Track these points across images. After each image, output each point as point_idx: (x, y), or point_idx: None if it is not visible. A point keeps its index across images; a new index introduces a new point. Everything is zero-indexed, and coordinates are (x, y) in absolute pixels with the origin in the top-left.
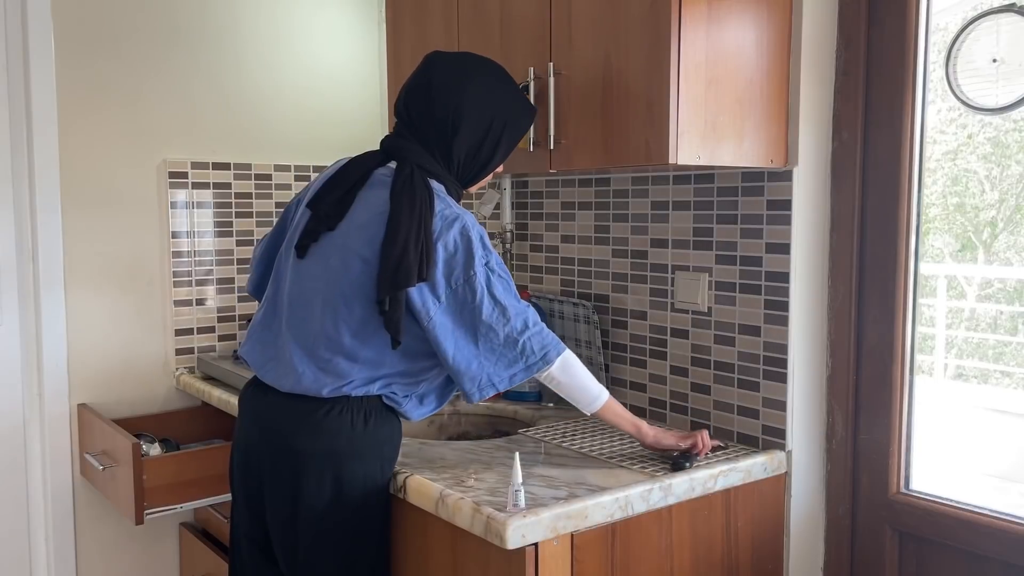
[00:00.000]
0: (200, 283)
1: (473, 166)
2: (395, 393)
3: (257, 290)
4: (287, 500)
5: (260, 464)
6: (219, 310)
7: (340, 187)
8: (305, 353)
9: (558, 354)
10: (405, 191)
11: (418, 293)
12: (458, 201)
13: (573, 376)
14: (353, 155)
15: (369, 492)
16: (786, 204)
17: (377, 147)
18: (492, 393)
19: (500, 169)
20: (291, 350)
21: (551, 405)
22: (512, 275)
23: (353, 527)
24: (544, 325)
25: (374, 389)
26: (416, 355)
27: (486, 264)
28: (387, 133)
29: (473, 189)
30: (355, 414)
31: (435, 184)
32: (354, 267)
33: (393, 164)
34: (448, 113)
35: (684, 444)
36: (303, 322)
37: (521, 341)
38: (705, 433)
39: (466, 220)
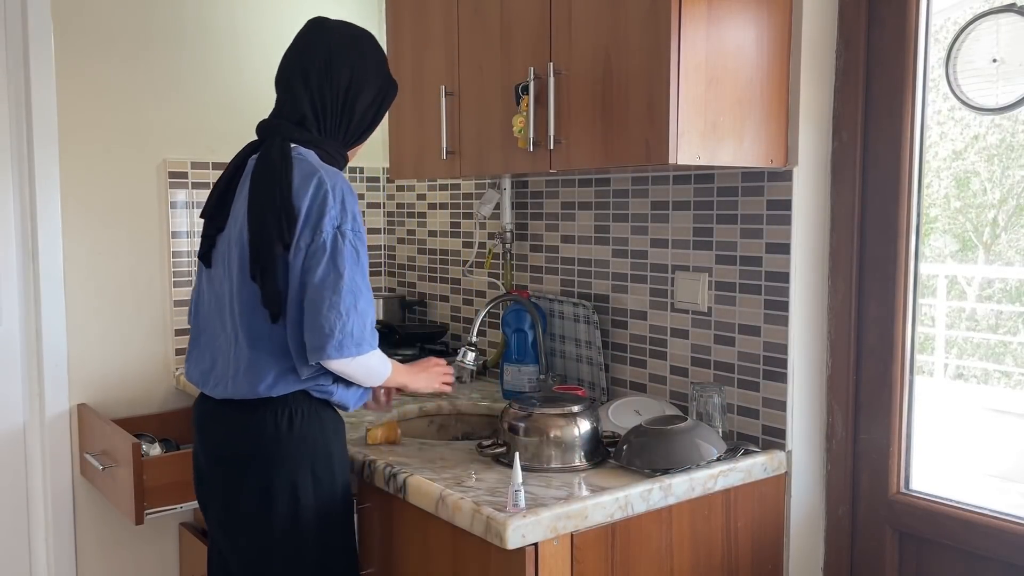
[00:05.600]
0: None
1: (361, 125)
2: (322, 384)
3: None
4: (221, 506)
5: (202, 471)
6: None
7: (219, 186)
8: (228, 357)
9: (371, 348)
10: (261, 164)
11: (284, 259)
12: (343, 165)
13: (370, 372)
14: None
15: (305, 502)
16: (786, 204)
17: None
18: (306, 366)
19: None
20: (217, 357)
21: None
22: (512, 275)
23: (292, 540)
24: (372, 316)
25: (295, 384)
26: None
27: (337, 227)
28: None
29: (352, 155)
30: (279, 415)
31: (303, 150)
32: (245, 257)
33: None
34: (353, 72)
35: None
36: (222, 326)
37: (342, 320)
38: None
39: (325, 179)
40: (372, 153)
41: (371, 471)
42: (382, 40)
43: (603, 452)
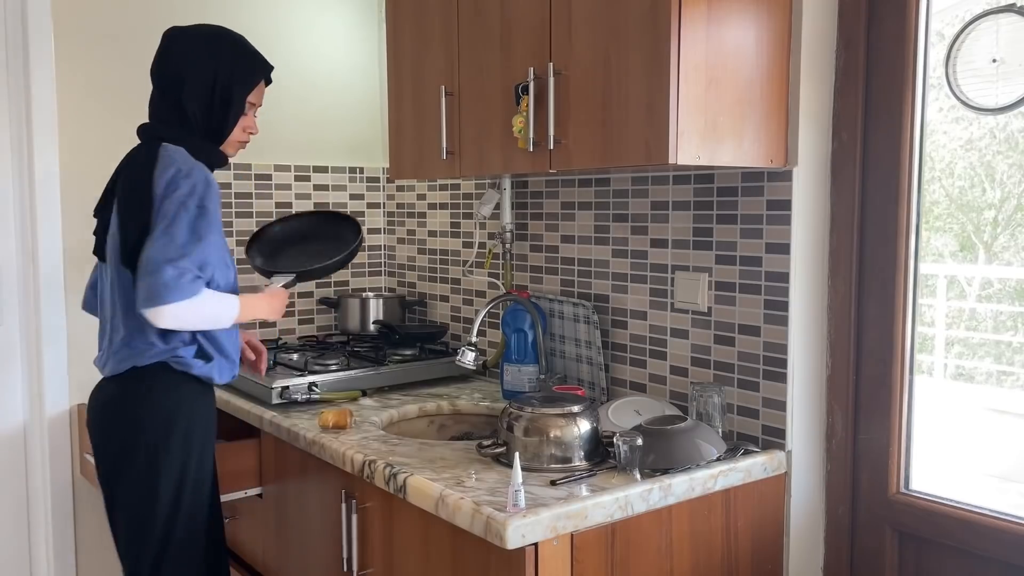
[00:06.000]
0: None
1: (212, 120)
2: (181, 356)
3: (87, 305)
4: (100, 473)
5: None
6: None
7: (107, 187)
8: (113, 339)
9: (181, 298)
10: (127, 163)
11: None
12: (220, 161)
13: (202, 319)
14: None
15: (159, 470)
16: (786, 204)
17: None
18: (155, 335)
19: (256, 131)
20: (107, 341)
21: None
22: (512, 275)
23: (142, 503)
24: (197, 276)
25: (156, 354)
26: None
27: (183, 203)
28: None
29: (231, 151)
30: (137, 383)
31: (171, 147)
32: (117, 246)
33: None
34: (173, 70)
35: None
36: (110, 313)
37: (157, 274)
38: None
39: (181, 167)
40: (372, 153)
41: (371, 471)
42: (381, 40)
43: (603, 452)
